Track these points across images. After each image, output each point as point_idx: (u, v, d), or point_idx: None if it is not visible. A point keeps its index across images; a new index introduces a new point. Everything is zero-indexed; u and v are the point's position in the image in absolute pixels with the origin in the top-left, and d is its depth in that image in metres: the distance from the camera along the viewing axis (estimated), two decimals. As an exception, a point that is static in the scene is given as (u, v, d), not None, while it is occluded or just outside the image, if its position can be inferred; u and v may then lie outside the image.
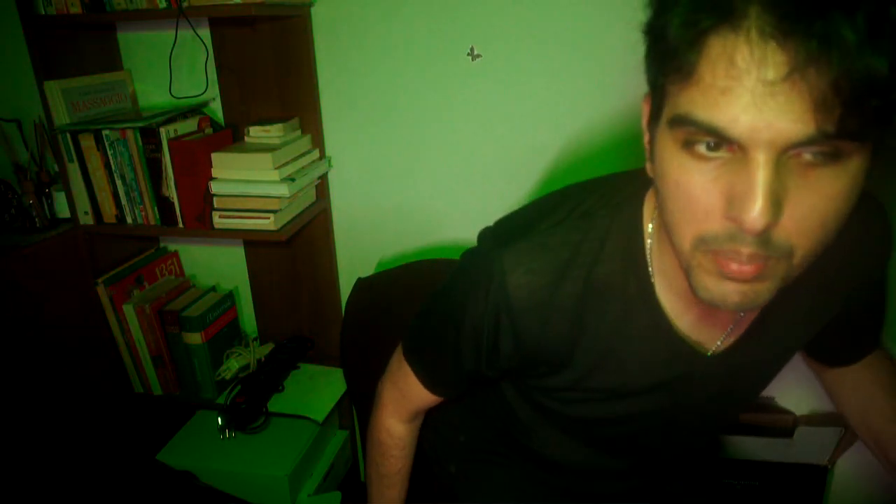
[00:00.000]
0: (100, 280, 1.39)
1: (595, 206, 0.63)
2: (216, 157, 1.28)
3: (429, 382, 0.77)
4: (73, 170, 1.33)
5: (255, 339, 1.61)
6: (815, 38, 0.37)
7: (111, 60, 1.44)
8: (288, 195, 1.26)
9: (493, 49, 1.26)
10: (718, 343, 0.65)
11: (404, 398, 0.81)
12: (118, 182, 1.33)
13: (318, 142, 1.41)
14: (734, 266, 0.46)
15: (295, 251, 1.52)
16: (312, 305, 1.57)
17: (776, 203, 0.42)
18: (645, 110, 0.54)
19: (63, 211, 1.42)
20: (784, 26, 0.38)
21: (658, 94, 0.49)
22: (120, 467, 1.42)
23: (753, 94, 0.40)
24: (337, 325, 1.40)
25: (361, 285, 1.14)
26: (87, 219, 1.37)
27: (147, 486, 1.37)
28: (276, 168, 1.25)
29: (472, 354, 0.70)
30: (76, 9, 1.23)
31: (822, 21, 0.37)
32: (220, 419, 1.45)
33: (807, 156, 0.43)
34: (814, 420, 1.33)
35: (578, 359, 0.65)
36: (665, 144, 0.48)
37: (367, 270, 1.49)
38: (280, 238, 1.27)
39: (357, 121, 1.39)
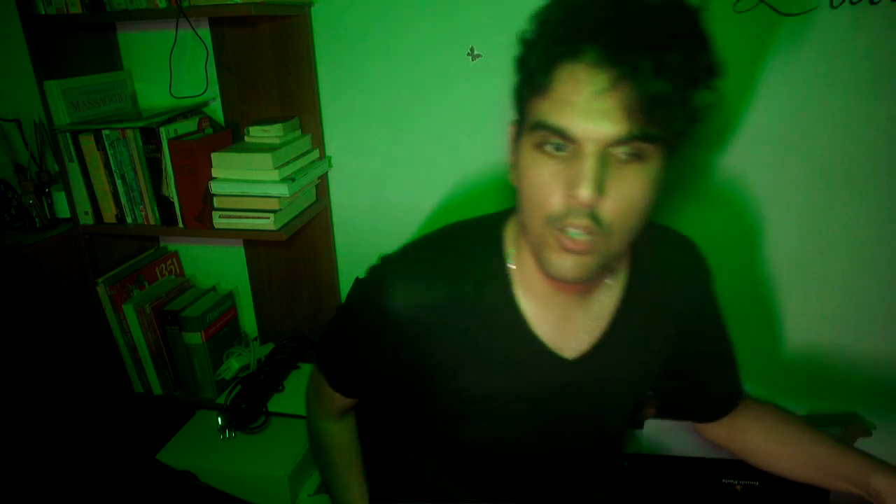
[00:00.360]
0: (100, 280, 1.39)
1: (463, 232, 0.80)
2: (216, 157, 1.28)
3: (338, 387, 0.88)
4: (73, 170, 1.33)
5: (255, 339, 1.61)
6: (626, 65, 0.55)
7: (111, 60, 1.44)
8: (288, 195, 1.26)
9: (493, 49, 1.26)
10: (577, 348, 0.76)
11: (326, 401, 0.92)
12: (118, 182, 1.32)
13: (318, 142, 1.41)
14: (570, 242, 0.61)
15: (295, 251, 1.52)
16: (312, 305, 1.57)
17: (600, 186, 0.59)
18: (511, 133, 0.69)
19: (63, 211, 1.42)
20: (608, 57, 0.55)
21: (521, 111, 0.66)
22: (120, 467, 1.42)
23: (588, 103, 0.57)
24: (337, 325, 1.40)
25: (361, 285, 1.14)
26: (87, 219, 1.37)
27: (147, 486, 1.36)
28: (276, 168, 1.25)
29: (368, 359, 0.82)
30: (76, 9, 1.23)
31: (630, 54, 0.55)
32: (220, 419, 1.45)
33: (621, 155, 0.59)
34: (813, 420, 1.33)
35: (449, 360, 0.76)
36: (525, 149, 0.64)
37: (367, 270, 1.49)
38: (280, 238, 1.27)
39: (357, 120, 1.39)
